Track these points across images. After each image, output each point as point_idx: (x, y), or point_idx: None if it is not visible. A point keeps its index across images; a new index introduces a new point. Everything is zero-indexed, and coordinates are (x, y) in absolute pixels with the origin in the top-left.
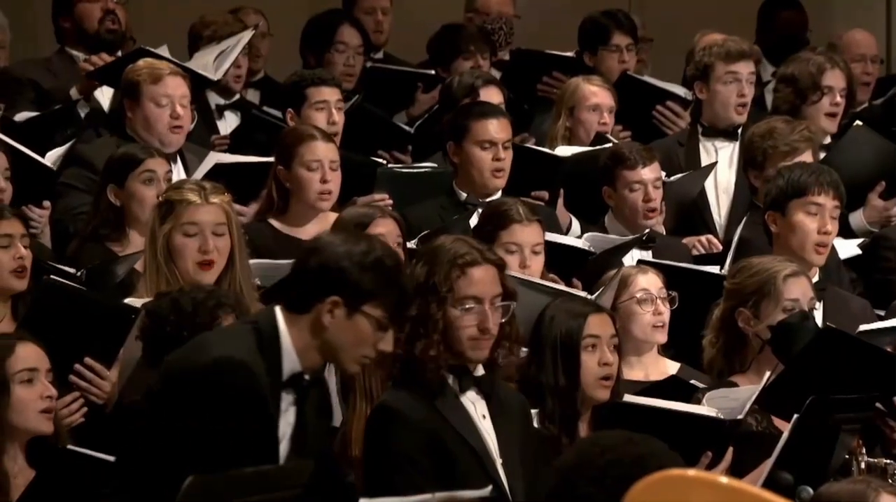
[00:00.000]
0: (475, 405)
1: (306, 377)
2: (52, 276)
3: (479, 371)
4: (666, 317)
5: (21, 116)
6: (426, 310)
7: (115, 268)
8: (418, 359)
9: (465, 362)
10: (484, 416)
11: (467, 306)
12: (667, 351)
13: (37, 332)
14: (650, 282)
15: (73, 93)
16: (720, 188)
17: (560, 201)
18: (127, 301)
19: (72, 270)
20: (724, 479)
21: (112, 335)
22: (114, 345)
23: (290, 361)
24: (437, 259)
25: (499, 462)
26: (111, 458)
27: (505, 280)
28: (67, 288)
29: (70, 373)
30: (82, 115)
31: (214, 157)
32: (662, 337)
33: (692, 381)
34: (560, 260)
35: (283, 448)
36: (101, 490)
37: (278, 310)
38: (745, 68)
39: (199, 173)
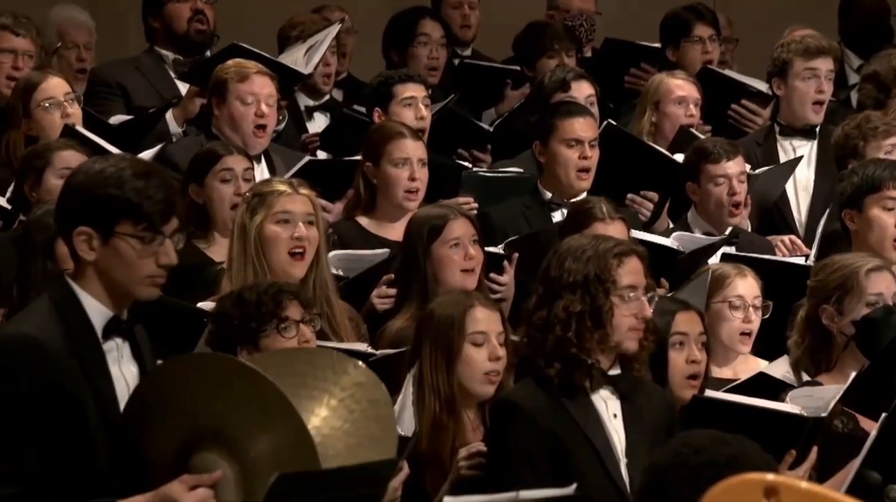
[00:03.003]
0: (607, 403)
1: (123, 318)
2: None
3: (615, 369)
4: (755, 326)
5: (115, 119)
6: (593, 304)
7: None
8: (564, 355)
9: (619, 352)
10: (615, 415)
11: (630, 295)
12: (753, 347)
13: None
14: (747, 287)
15: (171, 121)
16: (800, 187)
17: (666, 206)
18: (201, 304)
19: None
20: (804, 484)
21: (186, 339)
22: (188, 349)
23: (98, 311)
24: (585, 253)
25: (623, 462)
26: None
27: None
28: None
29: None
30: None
31: (306, 159)
32: (746, 347)
33: (780, 376)
34: (648, 259)
35: None
36: None
37: (65, 274)
38: (823, 65)
39: (291, 170)
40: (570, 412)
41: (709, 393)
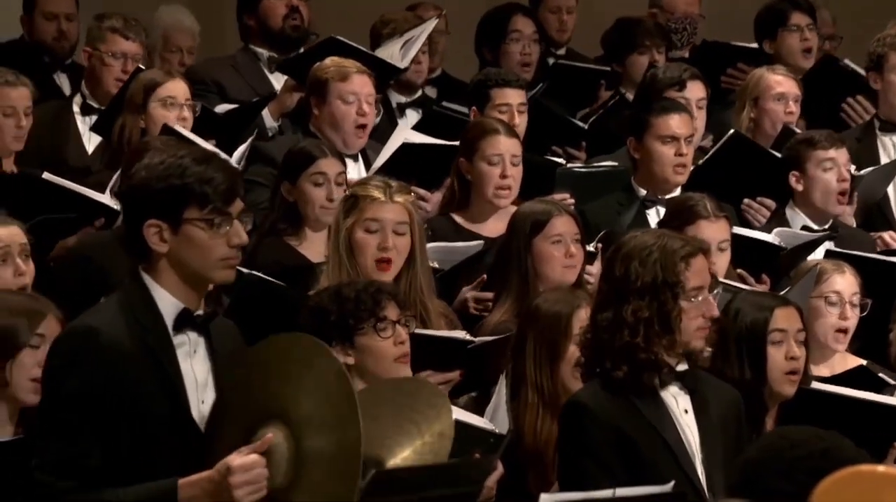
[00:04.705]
0: (677, 400)
1: (199, 313)
2: (251, 271)
3: (683, 366)
4: (852, 323)
5: (221, 108)
6: (661, 309)
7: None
8: (632, 358)
9: (687, 352)
10: (686, 411)
11: (698, 297)
12: (852, 345)
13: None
14: (846, 284)
15: (266, 116)
16: None
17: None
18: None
19: (245, 271)
20: None
21: (282, 321)
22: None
23: (170, 304)
24: (651, 255)
25: (698, 457)
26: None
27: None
28: (265, 282)
29: None
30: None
31: (402, 135)
32: (841, 345)
33: (880, 375)
34: (749, 255)
35: (208, 394)
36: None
37: (140, 268)
38: None
39: (386, 153)
40: (640, 410)
41: (815, 385)
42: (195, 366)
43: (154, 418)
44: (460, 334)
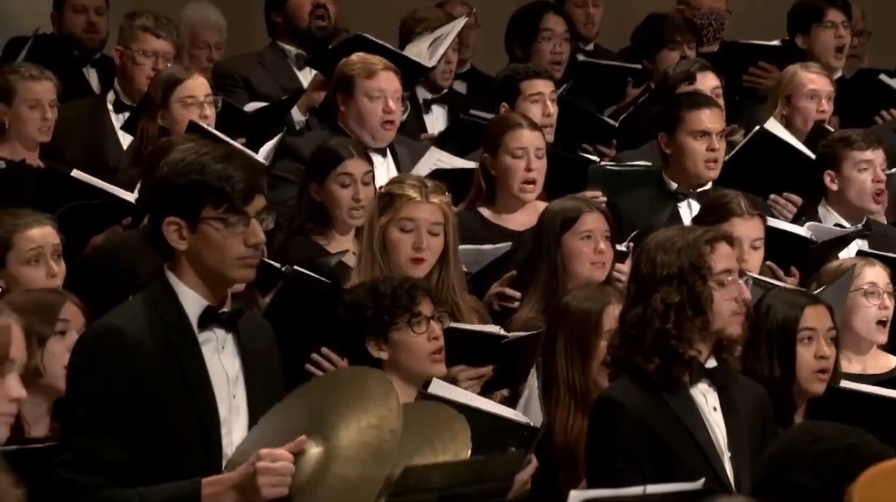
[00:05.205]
0: (706, 397)
1: (224, 310)
2: (295, 267)
3: (711, 362)
4: (890, 313)
5: (250, 107)
6: (691, 292)
7: (324, 262)
8: (664, 348)
9: (722, 339)
10: (715, 408)
11: (728, 279)
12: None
13: (275, 322)
14: (877, 275)
15: (294, 110)
16: None
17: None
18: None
19: (278, 265)
20: None
21: (319, 314)
22: (320, 322)
23: (194, 301)
24: (675, 245)
25: (727, 455)
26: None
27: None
28: (309, 279)
29: (306, 362)
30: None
31: (434, 156)
32: (883, 336)
33: None
34: (780, 248)
35: (238, 389)
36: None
37: (165, 266)
38: None
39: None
40: (670, 406)
41: (844, 383)
42: (224, 362)
43: (177, 415)
44: (494, 329)
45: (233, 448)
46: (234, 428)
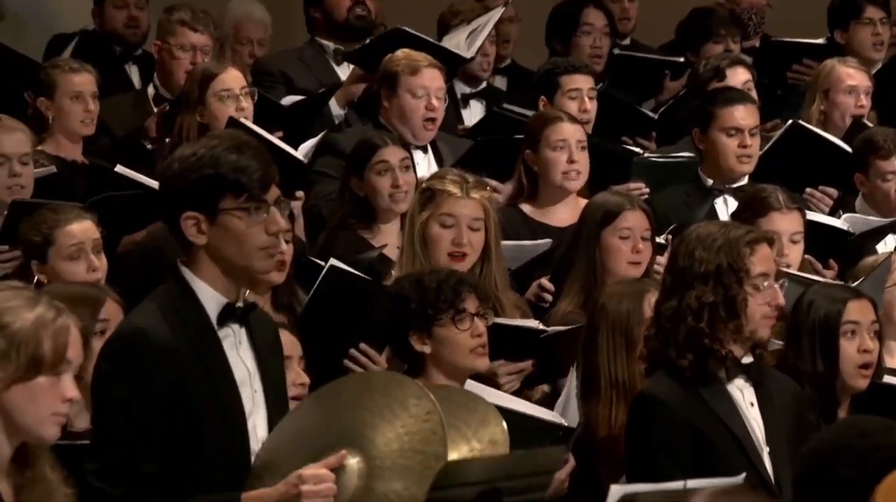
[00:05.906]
0: (743, 393)
1: (239, 305)
2: (334, 264)
3: (748, 358)
4: None
5: (287, 100)
6: (727, 294)
7: (364, 258)
8: (697, 345)
9: (753, 342)
10: (752, 404)
11: (764, 284)
12: None
13: (315, 318)
14: None
15: (333, 105)
16: None
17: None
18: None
19: (322, 263)
20: None
21: (359, 310)
22: (360, 318)
23: (212, 298)
24: (716, 242)
25: (765, 450)
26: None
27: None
28: (349, 275)
29: (345, 357)
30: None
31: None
32: None
33: None
34: (818, 241)
35: (257, 384)
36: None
37: (179, 262)
38: None
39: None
40: (707, 402)
41: (888, 378)
42: (244, 357)
43: (205, 415)
44: (533, 323)
45: (258, 442)
46: (258, 423)
